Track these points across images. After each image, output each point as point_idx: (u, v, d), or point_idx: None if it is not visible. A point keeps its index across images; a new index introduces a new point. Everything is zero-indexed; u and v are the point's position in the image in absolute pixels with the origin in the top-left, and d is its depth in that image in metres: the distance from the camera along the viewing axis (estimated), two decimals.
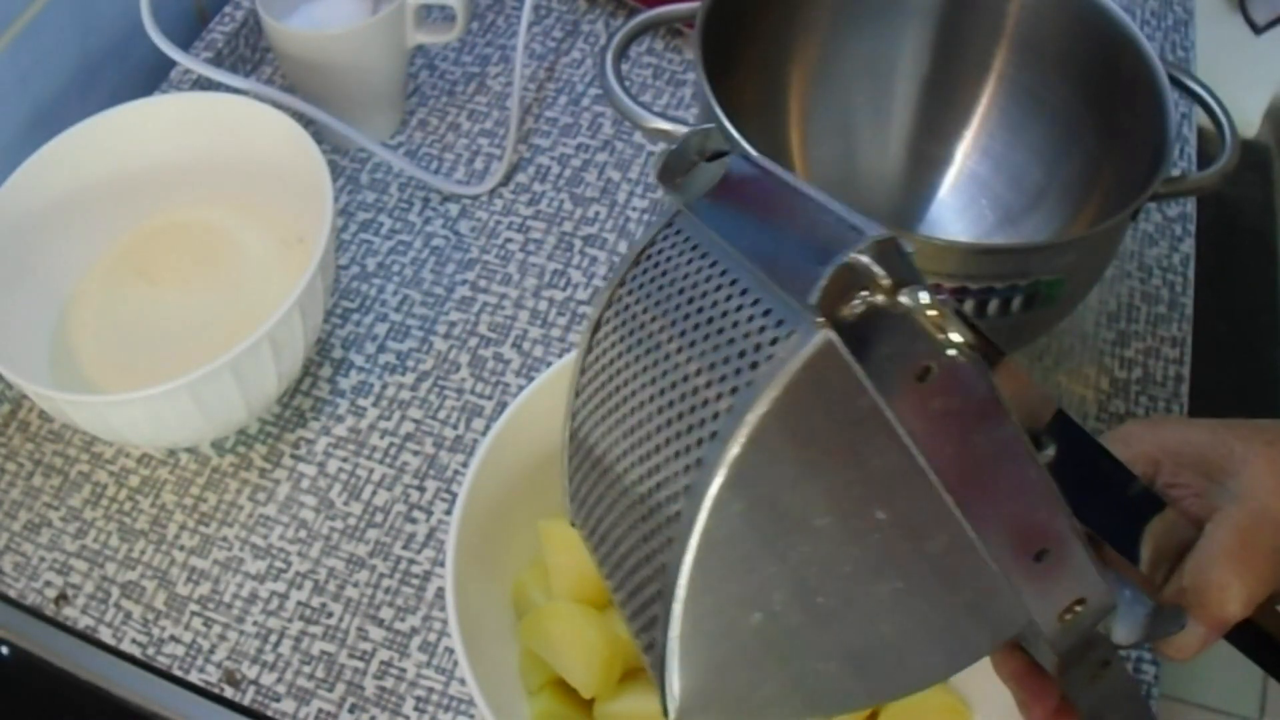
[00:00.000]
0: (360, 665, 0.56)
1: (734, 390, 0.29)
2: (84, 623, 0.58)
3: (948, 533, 0.31)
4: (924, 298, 0.28)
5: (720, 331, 0.30)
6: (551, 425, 0.53)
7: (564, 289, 0.69)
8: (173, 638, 0.57)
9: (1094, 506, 0.35)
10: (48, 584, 0.59)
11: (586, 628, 0.49)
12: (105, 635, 0.57)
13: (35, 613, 0.58)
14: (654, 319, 0.33)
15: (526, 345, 0.66)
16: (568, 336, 0.67)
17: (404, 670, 0.56)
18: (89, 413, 0.54)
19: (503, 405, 0.64)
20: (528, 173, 0.74)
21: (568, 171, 0.74)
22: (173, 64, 0.74)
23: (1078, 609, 0.34)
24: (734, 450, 0.28)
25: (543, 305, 0.68)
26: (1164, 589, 0.39)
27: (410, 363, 0.66)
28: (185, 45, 0.72)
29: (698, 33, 0.57)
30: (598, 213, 0.72)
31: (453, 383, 0.65)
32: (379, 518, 0.60)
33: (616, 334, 0.35)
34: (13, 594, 0.58)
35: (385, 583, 0.58)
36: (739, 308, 0.30)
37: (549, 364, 0.62)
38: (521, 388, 0.53)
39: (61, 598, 0.58)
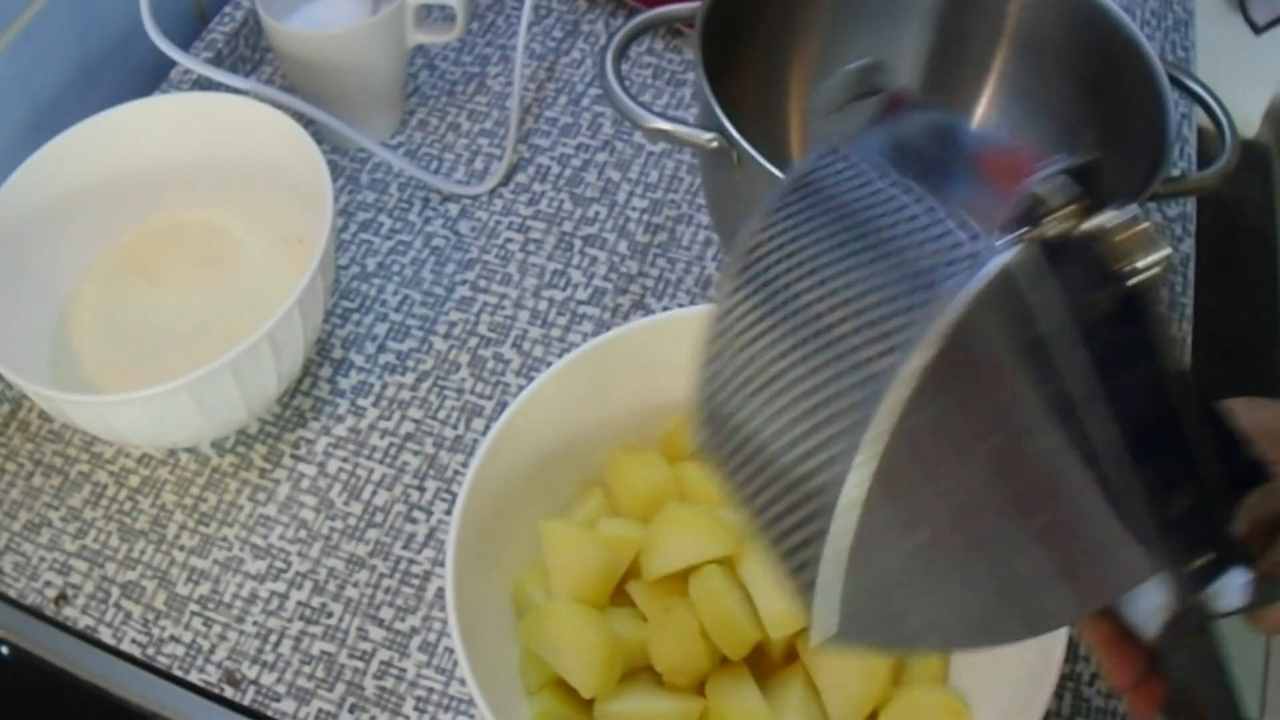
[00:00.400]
0: (360, 665, 0.56)
1: (911, 308, 0.28)
2: (84, 623, 0.58)
3: (1099, 470, 0.30)
4: (1117, 218, 0.28)
5: (891, 255, 0.30)
6: (552, 425, 0.54)
7: (564, 289, 0.69)
8: (173, 638, 0.57)
9: None
10: (48, 584, 0.59)
11: (586, 628, 0.49)
12: (105, 635, 0.57)
13: (35, 613, 0.58)
14: (815, 243, 0.32)
15: (526, 345, 0.66)
16: (568, 336, 0.67)
17: (404, 670, 0.56)
18: (89, 413, 0.54)
19: (503, 405, 0.64)
20: (528, 173, 0.74)
21: (568, 171, 0.74)
22: (173, 64, 0.74)
23: (1201, 563, 0.33)
24: (919, 362, 0.28)
25: (543, 305, 0.68)
26: (1261, 561, 0.39)
27: (410, 363, 0.66)
28: (185, 45, 0.72)
29: (698, 33, 0.57)
30: (598, 213, 0.72)
31: (453, 383, 0.65)
32: (379, 518, 0.60)
33: (771, 258, 0.34)
34: (13, 594, 0.58)
35: (385, 583, 0.58)
36: (908, 232, 0.30)
37: (549, 364, 0.62)
38: (521, 388, 0.53)
39: (61, 598, 0.58)
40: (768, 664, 0.51)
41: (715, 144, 0.55)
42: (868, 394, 0.29)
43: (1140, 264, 0.28)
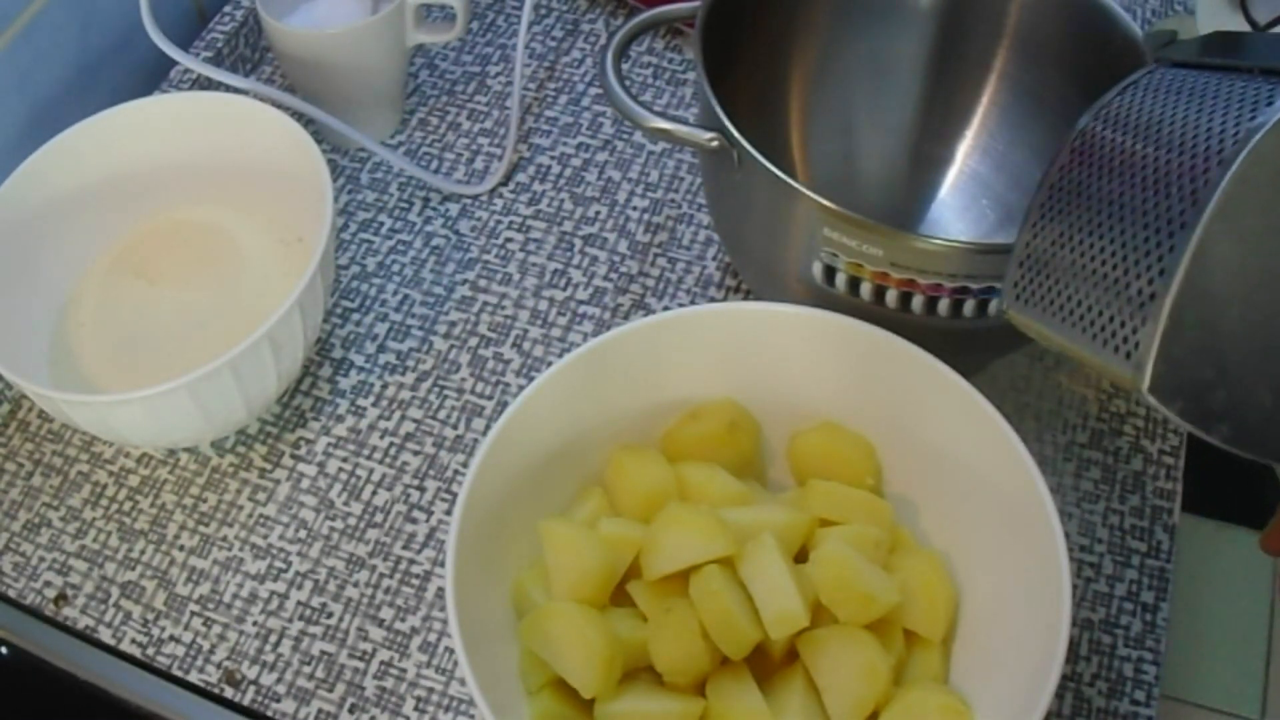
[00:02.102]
0: (360, 665, 0.56)
1: (1239, 130, 0.36)
2: (83, 623, 0.58)
3: None
4: None
5: (1212, 111, 0.38)
6: (552, 425, 0.54)
7: (564, 289, 0.68)
8: (172, 638, 0.57)
9: None
10: (47, 584, 0.59)
11: (586, 628, 0.49)
12: (105, 635, 0.57)
13: (35, 613, 0.58)
14: (1150, 111, 0.41)
15: (526, 345, 0.66)
16: (568, 336, 0.67)
17: (404, 670, 0.56)
18: (88, 413, 0.54)
19: (503, 405, 0.64)
20: (528, 172, 0.74)
21: (568, 171, 0.74)
22: (173, 64, 0.74)
23: None
24: (1257, 138, 0.35)
25: (543, 305, 0.68)
26: None
27: (410, 362, 0.66)
28: (185, 45, 0.72)
29: (698, 32, 0.57)
30: (598, 212, 0.72)
31: (453, 383, 0.65)
32: (379, 518, 0.60)
33: (1111, 125, 0.42)
34: (12, 594, 0.58)
35: (385, 583, 0.58)
36: (1226, 94, 0.39)
37: (549, 364, 0.62)
38: (521, 388, 0.53)
39: (61, 598, 0.58)
40: (768, 664, 0.51)
41: (716, 144, 0.55)
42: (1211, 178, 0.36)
43: None
